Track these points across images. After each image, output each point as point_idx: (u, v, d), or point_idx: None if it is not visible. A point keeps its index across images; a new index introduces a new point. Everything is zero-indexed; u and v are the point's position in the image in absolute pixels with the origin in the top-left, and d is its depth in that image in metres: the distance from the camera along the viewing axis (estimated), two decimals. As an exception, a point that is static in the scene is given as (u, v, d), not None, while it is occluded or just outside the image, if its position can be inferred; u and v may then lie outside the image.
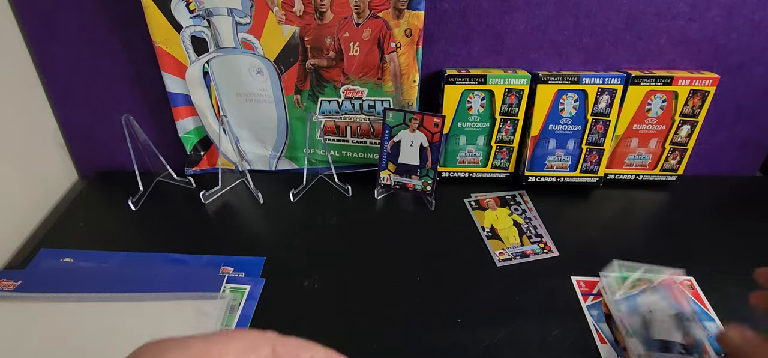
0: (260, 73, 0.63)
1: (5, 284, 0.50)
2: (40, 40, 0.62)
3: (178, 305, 0.48)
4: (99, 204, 0.68)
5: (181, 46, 0.60)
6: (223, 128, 0.66)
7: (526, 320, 0.49)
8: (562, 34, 0.62)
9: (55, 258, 0.56)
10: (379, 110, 0.65)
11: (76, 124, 0.70)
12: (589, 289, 0.52)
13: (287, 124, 0.68)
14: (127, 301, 0.48)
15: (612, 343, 0.46)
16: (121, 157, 0.68)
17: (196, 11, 0.57)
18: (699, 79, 0.62)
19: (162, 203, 0.66)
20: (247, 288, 0.51)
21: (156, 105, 0.67)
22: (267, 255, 0.56)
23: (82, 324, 0.46)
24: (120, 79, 0.65)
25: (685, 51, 0.63)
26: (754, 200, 0.68)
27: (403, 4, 0.56)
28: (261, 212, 0.65)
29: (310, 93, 0.64)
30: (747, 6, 0.59)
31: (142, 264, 0.55)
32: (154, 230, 0.62)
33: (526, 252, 0.57)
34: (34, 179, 0.65)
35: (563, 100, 0.63)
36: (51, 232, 0.61)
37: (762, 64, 0.64)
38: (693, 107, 0.63)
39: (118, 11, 0.59)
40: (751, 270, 0.35)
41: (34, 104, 0.65)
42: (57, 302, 0.48)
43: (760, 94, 0.67)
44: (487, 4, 0.60)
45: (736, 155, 0.73)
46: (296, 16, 0.58)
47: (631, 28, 0.61)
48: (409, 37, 0.59)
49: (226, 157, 0.69)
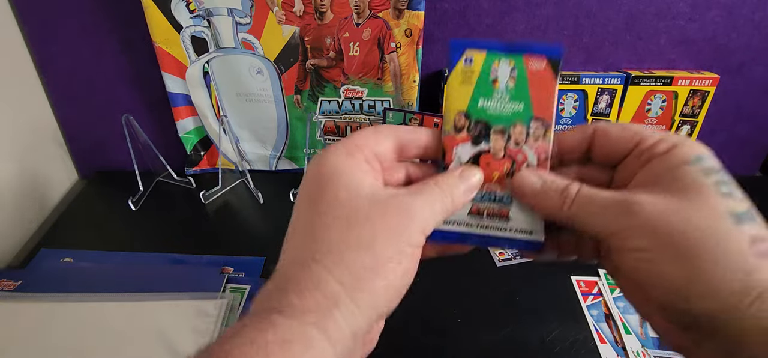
0: (260, 73, 0.63)
1: (5, 284, 0.50)
2: (40, 41, 0.62)
3: (178, 305, 0.48)
4: (99, 204, 0.68)
5: (181, 46, 0.60)
6: (223, 128, 0.66)
7: (526, 320, 0.49)
8: (562, 34, 0.62)
9: (55, 258, 0.56)
10: (379, 110, 0.65)
11: (76, 124, 0.70)
12: (589, 289, 0.52)
13: (287, 124, 0.68)
14: (127, 301, 0.48)
15: (612, 343, 0.46)
16: (121, 157, 0.68)
17: (196, 11, 0.57)
18: (699, 79, 0.62)
19: (162, 203, 0.66)
20: (247, 288, 0.51)
21: (156, 105, 0.67)
22: (267, 255, 0.56)
23: (82, 324, 0.46)
24: (120, 79, 0.65)
25: (685, 51, 0.63)
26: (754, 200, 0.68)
27: (403, 4, 0.56)
28: (261, 212, 0.65)
29: (310, 93, 0.64)
30: (747, 6, 0.59)
31: (142, 264, 0.55)
32: (154, 230, 0.62)
33: (526, 252, 0.57)
34: (34, 179, 0.65)
35: (563, 100, 0.63)
36: (51, 232, 0.61)
37: (762, 64, 0.64)
38: (693, 107, 0.63)
39: (118, 11, 0.59)
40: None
41: (34, 104, 0.65)
42: (57, 302, 0.48)
43: (760, 94, 0.67)
44: (487, 4, 0.60)
45: (736, 155, 0.73)
46: (296, 16, 0.58)
47: (631, 28, 0.61)
48: (409, 37, 0.59)
49: (226, 157, 0.69)
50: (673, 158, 0.23)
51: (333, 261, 0.21)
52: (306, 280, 0.21)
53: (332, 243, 0.22)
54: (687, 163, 0.22)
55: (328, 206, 0.23)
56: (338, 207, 0.23)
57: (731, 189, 0.21)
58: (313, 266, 0.21)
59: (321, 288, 0.21)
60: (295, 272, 0.22)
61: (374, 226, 0.22)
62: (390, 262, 0.22)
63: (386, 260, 0.22)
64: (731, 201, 0.21)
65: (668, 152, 0.23)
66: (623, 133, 0.25)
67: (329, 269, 0.21)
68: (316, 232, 0.22)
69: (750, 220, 0.20)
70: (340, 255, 0.21)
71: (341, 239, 0.22)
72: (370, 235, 0.22)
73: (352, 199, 0.23)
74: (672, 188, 0.22)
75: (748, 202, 0.21)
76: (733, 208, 0.21)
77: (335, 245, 0.22)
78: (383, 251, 0.22)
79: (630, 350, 0.45)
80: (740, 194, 0.21)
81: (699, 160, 0.22)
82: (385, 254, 0.22)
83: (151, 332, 0.45)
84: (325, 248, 0.22)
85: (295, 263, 0.22)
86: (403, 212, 0.23)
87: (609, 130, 0.26)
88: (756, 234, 0.20)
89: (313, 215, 0.23)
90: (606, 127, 0.26)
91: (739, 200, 0.21)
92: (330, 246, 0.22)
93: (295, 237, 0.24)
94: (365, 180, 0.24)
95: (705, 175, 0.21)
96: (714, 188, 0.21)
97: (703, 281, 0.20)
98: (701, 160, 0.22)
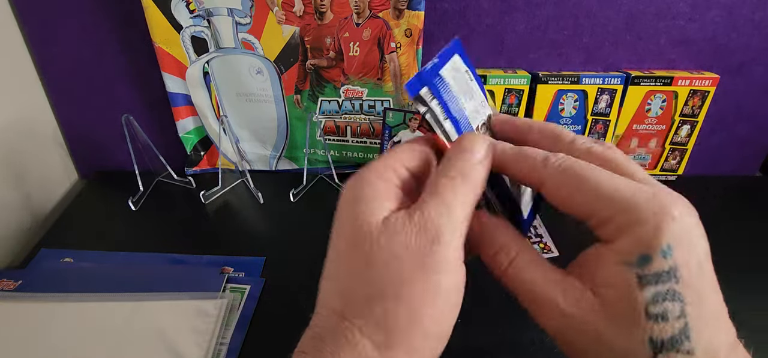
0: (260, 73, 0.63)
1: (5, 284, 0.50)
2: (40, 41, 0.62)
3: (178, 305, 0.48)
4: (99, 204, 0.68)
5: (181, 46, 0.60)
6: (223, 128, 0.66)
7: (526, 320, 0.48)
8: (562, 34, 0.62)
9: (55, 258, 0.56)
10: (379, 110, 0.65)
11: (76, 124, 0.70)
12: (589, 289, 0.52)
13: (287, 124, 0.68)
14: (127, 301, 0.48)
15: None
16: (121, 157, 0.68)
17: (196, 11, 0.57)
18: (699, 79, 0.62)
19: (162, 203, 0.66)
20: (247, 288, 0.51)
21: (156, 105, 0.67)
22: (267, 255, 0.56)
23: (82, 324, 0.46)
24: (120, 79, 0.65)
25: (685, 51, 0.63)
26: (754, 200, 0.68)
27: (403, 4, 0.56)
28: (261, 212, 0.65)
29: (310, 93, 0.64)
30: (747, 6, 0.59)
31: (142, 264, 0.55)
32: (154, 230, 0.62)
33: (526, 252, 0.57)
34: (34, 179, 0.65)
35: (563, 100, 0.63)
36: (51, 232, 0.61)
37: (762, 64, 0.64)
38: (693, 107, 0.63)
39: (118, 11, 0.59)
40: (751, 270, 0.35)
41: (34, 104, 0.65)
42: (57, 302, 0.48)
43: (760, 94, 0.67)
44: (487, 4, 0.60)
45: (736, 155, 0.73)
46: (296, 16, 0.58)
47: (631, 28, 0.61)
48: (409, 37, 0.59)
49: (226, 157, 0.69)
50: (614, 254, 0.19)
51: (363, 320, 0.19)
52: (342, 346, 0.19)
53: (358, 296, 0.20)
54: (627, 263, 0.19)
55: (349, 246, 0.20)
56: (358, 247, 0.20)
57: (666, 306, 0.18)
58: (344, 326, 0.19)
59: (357, 352, 0.19)
60: (329, 333, 0.20)
61: (399, 265, 0.19)
62: (424, 306, 0.19)
63: (419, 306, 0.19)
64: (659, 325, 0.18)
65: (611, 243, 0.20)
66: (574, 200, 0.21)
67: (361, 329, 0.19)
68: (342, 279, 0.21)
69: (670, 347, 0.18)
70: (368, 309, 0.19)
71: (364, 290, 0.20)
72: (395, 278, 0.19)
73: (371, 233, 0.20)
74: (603, 293, 0.19)
75: (682, 320, 0.18)
76: (657, 333, 0.18)
77: (361, 299, 0.19)
78: (411, 295, 0.19)
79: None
80: (677, 309, 0.18)
81: (642, 263, 0.18)
82: (415, 298, 0.19)
83: (151, 332, 0.45)
84: (352, 302, 0.20)
85: (329, 317, 0.20)
86: (423, 235, 0.19)
87: (560, 191, 0.21)
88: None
89: (339, 254, 0.21)
90: (556, 185, 0.21)
91: (671, 320, 0.18)
92: (356, 299, 0.20)
93: (328, 280, 0.22)
94: (385, 205, 0.21)
95: (640, 287, 0.18)
96: (643, 308, 0.18)
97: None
98: (644, 263, 0.18)
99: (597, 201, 0.20)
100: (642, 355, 0.18)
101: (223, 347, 0.45)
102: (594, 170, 0.20)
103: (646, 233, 0.18)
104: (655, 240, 0.18)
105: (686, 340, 0.18)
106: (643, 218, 0.19)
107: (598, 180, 0.20)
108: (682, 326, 0.18)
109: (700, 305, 0.18)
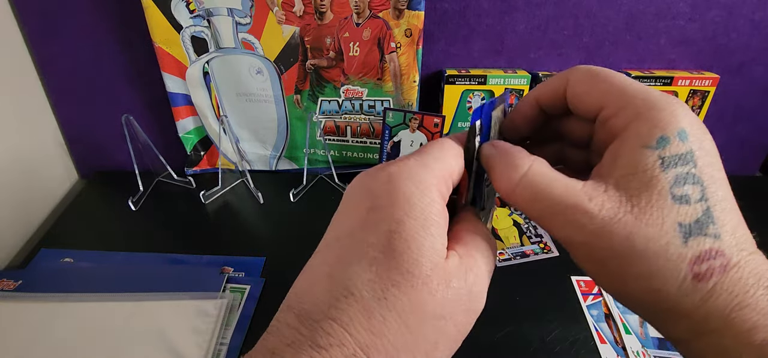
0: (260, 73, 0.63)
1: (5, 284, 0.50)
2: (40, 41, 0.62)
3: (178, 305, 0.48)
4: (99, 204, 0.68)
5: (181, 46, 0.60)
6: (223, 128, 0.66)
7: (526, 320, 0.49)
8: (562, 34, 0.62)
9: (55, 258, 0.56)
10: (379, 110, 0.65)
11: (76, 124, 0.70)
12: (589, 289, 0.52)
13: (287, 124, 0.68)
14: (127, 301, 0.48)
15: (612, 343, 0.46)
16: (121, 157, 0.68)
17: (196, 11, 0.57)
18: (699, 79, 0.62)
19: (162, 203, 0.66)
20: (247, 288, 0.51)
21: (156, 105, 0.67)
22: (267, 255, 0.56)
23: (82, 324, 0.46)
24: (120, 79, 0.65)
25: (685, 51, 0.63)
26: (754, 200, 0.68)
27: (403, 4, 0.56)
28: (261, 212, 0.65)
29: (310, 93, 0.64)
30: (747, 6, 0.59)
31: (142, 264, 0.55)
32: (154, 230, 0.62)
33: (526, 252, 0.57)
34: (34, 179, 0.65)
35: (563, 100, 0.63)
36: (51, 232, 0.61)
37: (762, 64, 0.64)
38: (693, 107, 0.63)
39: (117, 11, 0.59)
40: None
41: (34, 104, 0.65)
42: (57, 302, 0.48)
43: (760, 94, 0.67)
44: (487, 4, 0.60)
45: (736, 155, 0.73)
46: (296, 16, 0.58)
47: (631, 28, 0.61)
48: (409, 37, 0.59)
49: (226, 157, 0.69)
50: (633, 139, 0.20)
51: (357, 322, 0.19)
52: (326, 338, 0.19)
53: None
54: (647, 145, 0.19)
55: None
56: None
57: (687, 189, 0.19)
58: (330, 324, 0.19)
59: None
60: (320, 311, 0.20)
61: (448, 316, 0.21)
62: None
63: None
64: (683, 208, 0.19)
65: (627, 130, 0.20)
66: (590, 94, 0.22)
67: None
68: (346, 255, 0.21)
69: (698, 232, 0.18)
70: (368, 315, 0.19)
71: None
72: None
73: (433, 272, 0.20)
74: (626, 184, 0.19)
75: (703, 203, 0.19)
76: (683, 217, 0.18)
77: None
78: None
79: (630, 350, 0.45)
80: (697, 192, 0.19)
81: (661, 144, 0.19)
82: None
83: (151, 332, 0.45)
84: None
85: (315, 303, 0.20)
86: (469, 300, 0.21)
87: (576, 87, 0.23)
88: (700, 252, 0.18)
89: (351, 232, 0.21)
90: (576, 81, 0.23)
91: (693, 203, 0.19)
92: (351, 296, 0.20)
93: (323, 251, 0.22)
94: (441, 236, 0.21)
95: (662, 168, 0.19)
96: (668, 190, 0.19)
97: (635, 299, 0.20)
98: (663, 144, 0.19)
99: (615, 92, 0.21)
100: (674, 247, 0.18)
101: (223, 347, 0.45)
102: (613, 72, 0.22)
103: (662, 116, 0.19)
104: (671, 123, 0.19)
105: (711, 223, 0.18)
106: (659, 105, 0.20)
107: (616, 76, 0.22)
108: (705, 209, 0.19)
109: (718, 191, 0.19)
